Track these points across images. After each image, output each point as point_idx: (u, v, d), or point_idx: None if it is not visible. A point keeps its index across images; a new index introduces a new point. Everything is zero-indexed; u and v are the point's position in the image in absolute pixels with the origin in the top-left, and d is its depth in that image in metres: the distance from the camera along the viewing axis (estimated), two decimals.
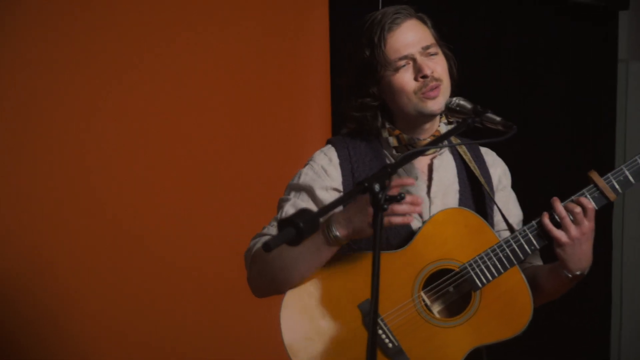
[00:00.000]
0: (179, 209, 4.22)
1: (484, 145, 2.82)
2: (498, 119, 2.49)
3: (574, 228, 2.60)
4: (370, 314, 2.18)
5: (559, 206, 2.62)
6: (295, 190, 2.74)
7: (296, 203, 2.69)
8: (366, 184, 2.19)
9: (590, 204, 2.61)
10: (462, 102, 2.58)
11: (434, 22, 2.76)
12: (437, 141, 2.58)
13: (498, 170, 2.86)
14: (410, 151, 2.51)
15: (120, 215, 4.08)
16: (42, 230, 3.92)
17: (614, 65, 5.36)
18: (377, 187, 2.20)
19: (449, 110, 2.60)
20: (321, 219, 2.16)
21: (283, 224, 2.08)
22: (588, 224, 2.61)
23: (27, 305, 3.89)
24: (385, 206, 2.20)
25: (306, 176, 2.73)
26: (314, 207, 2.66)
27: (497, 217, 2.79)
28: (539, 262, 2.86)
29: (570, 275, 2.65)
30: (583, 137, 5.03)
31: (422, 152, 2.68)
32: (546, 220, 2.64)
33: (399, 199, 2.25)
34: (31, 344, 3.91)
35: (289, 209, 2.70)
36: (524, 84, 4.95)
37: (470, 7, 4.83)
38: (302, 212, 2.10)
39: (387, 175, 2.24)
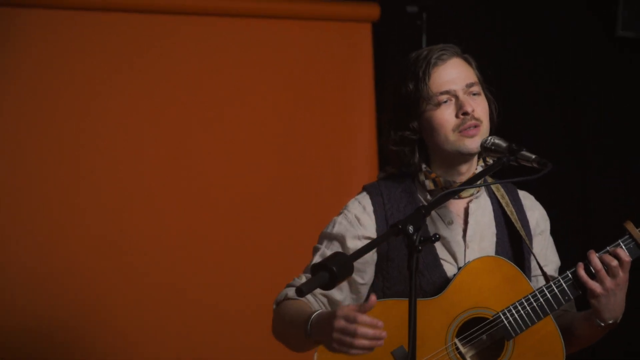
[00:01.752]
0: (229, 231, 4.31)
1: (519, 182, 2.80)
2: (533, 156, 2.46)
3: (609, 280, 2.57)
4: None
5: (595, 258, 2.59)
6: (328, 240, 2.72)
7: (325, 253, 2.67)
8: (400, 226, 2.19)
9: (627, 257, 2.58)
10: (497, 141, 2.55)
11: (479, 63, 2.76)
12: (472, 181, 2.57)
13: (536, 214, 2.82)
14: (444, 192, 2.49)
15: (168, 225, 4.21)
16: (43, 230, 4.01)
17: None
18: (411, 229, 2.19)
19: (484, 150, 2.58)
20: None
21: (316, 268, 2.08)
22: (623, 276, 2.58)
23: (27, 305, 3.97)
24: (420, 248, 2.19)
25: (340, 225, 2.71)
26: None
27: (534, 263, 2.75)
28: (573, 308, 2.82)
29: (603, 324, 2.62)
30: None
31: (455, 193, 2.66)
32: (581, 271, 2.60)
33: (433, 240, 2.24)
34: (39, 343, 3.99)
35: (317, 260, 2.68)
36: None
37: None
38: (335, 256, 2.11)
39: (422, 217, 2.24)
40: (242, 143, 4.36)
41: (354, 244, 2.66)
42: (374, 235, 2.68)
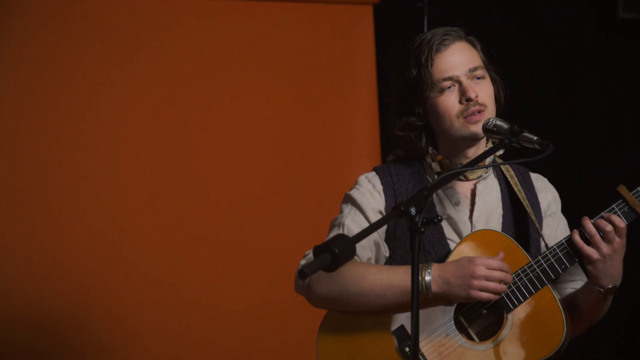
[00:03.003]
0: (228, 231, 4.29)
1: (521, 164, 2.80)
2: (535, 138, 2.46)
3: (605, 245, 2.58)
4: (412, 340, 2.19)
5: (589, 224, 2.60)
6: (349, 209, 2.74)
7: (347, 223, 2.70)
8: (402, 208, 2.20)
9: (622, 222, 2.58)
10: (499, 123, 2.56)
11: (484, 45, 2.76)
12: (474, 162, 2.57)
13: (548, 196, 2.83)
14: (446, 173, 2.50)
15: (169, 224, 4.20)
16: (43, 229, 4.02)
17: None
18: (413, 210, 2.20)
19: (486, 131, 2.58)
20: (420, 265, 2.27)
21: (319, 250, 2.09)
22: (619, 240, 2.58)
23: (27, 305, 3.99)
24: (422, 229, 2.20)
25: (357, 196, 2.73)
26: (364, 225, 2.67)
27: (543, 244, 2.76)
28: (583, 277, 2.82)
29: (602, 290, 2.62)
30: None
31: (457, 175, 2.66)
32: (577, 237, 2.61)
33: (435, 222, 2.25)
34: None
35: (349, 223, 2.70)
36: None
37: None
38: (338, 238, 2.11)
39: (424, 199, 2.24)
40: (243, 130, 4.35)
41: (372, 217, 2.69)
42: (384, 212, 2.70)
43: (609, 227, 2.57)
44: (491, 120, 2.58)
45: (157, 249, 4.18)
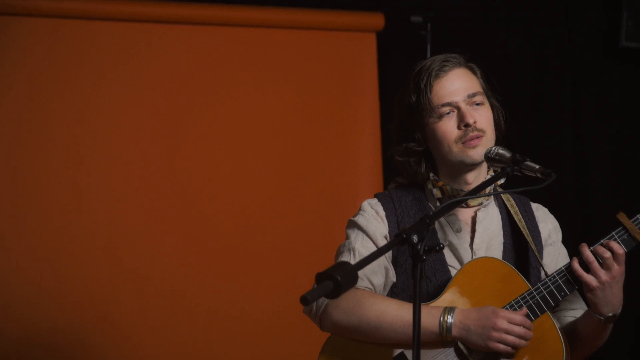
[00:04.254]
0: (232, 238, 4.33)
1: (523, 193, 2.81)
2: (537, 166, 2.47)
3: (604, 273, 2.58)
4: None
5: (587, 251, 2.60)
6: (355, 234, 2.73)
7: (357, 248, 2.69)
8: (404, 235, 2.20)
9: (621, 249, 2.58)
10: (501, 151, 2.56)
11: (485, 72, 2.77)
12: (476, 191, 2.58)
13: (549, 226, 2.83)
14: (448, 201, 2.50)
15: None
16: (45, 235, 4.03)
17: None
18: (415, 238, 2.20)
19: (488, 160, 2.59)
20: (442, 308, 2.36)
21: (321, 277, 2.09)
22: (618, 268, 2.58)
23: (29, 311, 3.98)
24: (424, 257, 2.20)
25: (362, 222, 2.73)
26: (372, 248, 2.67)
27: (543, 273, 2.75)
28: (583, 305, 2.82)
29: (602, 318, 2.62)
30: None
31: (459, 203, 2.67)
32: (576, 265, 2.61)
33: (437, 249, 2.25)
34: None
35: (360, 248, 2.69)
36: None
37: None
38: (340, 265, 2.12)
39: (426, 227, 2.25)
40: (247, 153, 4.38)
41: (381, 242, 2.69)
42: (388, 238, 2.70)
43: (608, 254, 2.57)
44: (493, 148, 2.59)
45: (161, 255, 4.19)
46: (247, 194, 4.35)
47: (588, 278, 2.59)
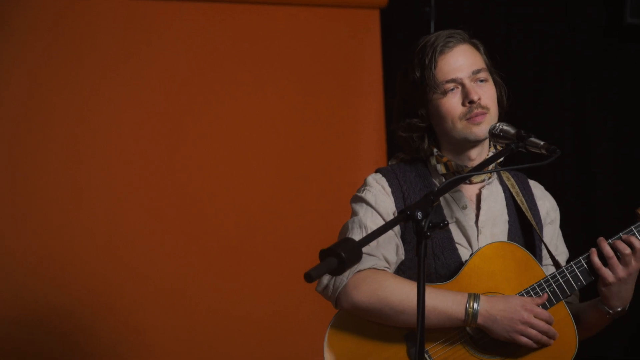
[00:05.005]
0: (236, 234, 4.29)
1: (528, 169, 2.80)
2: (541, 143, 2.45)
3: (622, 269, 2.58)
4: (417, 345, 2.18)
5: (607, 247, 2.59)
6: (364, 210, 2.71)
7: (366, 223, 2.67)
8: (408, 212, 2.19)
9: None
10: (506, 127, 2.55)
11: (488, 48, 2.76)
12: (480, 167, 2.56)
13: (547, 204, 2.83)
14: (452, 178, 2.47)
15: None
16: (46, 232, 4.00)
17: None
18: (419, 214, 2.19)
19: (492, 136, 2.58)
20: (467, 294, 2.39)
21: (325, 254, 2.08)
22: (635, 264, 2.58)
23: (30, 306, 3.97)
24: (429, 234, 2.19)
25: (370, 197, 2.71)
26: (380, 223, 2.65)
27: (545, 251, 2.76)
28: (576, 300, 2.82)
29: (611, 312, 2.64)
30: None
31: (463, 180, 2.66)
32: (595, 258, 2.61)
33: (442, 226, 2.24)
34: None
35: (356, 233, 2.67)
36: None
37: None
38: (345, 242, 2.11)
39: (430, 203, 2.23)
40: (249, 133, 4.34)
41: (388, 217, 2.67)
42: (396, 213, 2.68)
43: (628, 250, 2.57)
44: (498, 125, 2.58)
45: (161, 254, 4.17)
46: (248, 190, 4.31)
47: (606, 272, 2.59)
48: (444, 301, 2.53)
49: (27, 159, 3.99)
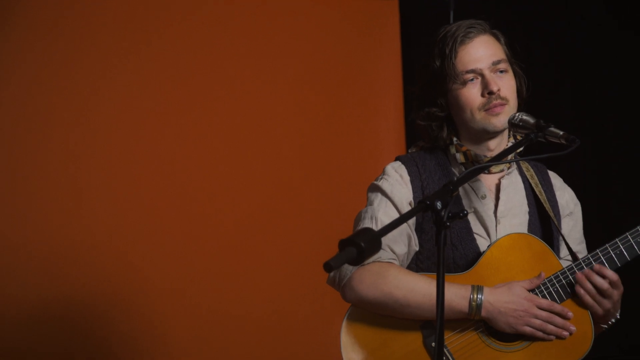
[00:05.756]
0: (240, 233, 4.28)
1: (548, 159, 2.79)
2: (561, 132, 2.45)
3: (607, 301, 2.61)
4: (436, 336, 2.18)
5: (588, 284, 2.60)
6: (379, 200, 2.72)
7: (378, 215, 2.68)
8: (428, 202, 2.19)
9: (615, 275, 2.59)
10: (525, 117, 2.55)
11: (508, 39, 2.76)
12: (499, 157, 2.56)
13: (566, 195, 2.83)
14: (471, 168, 2.48)
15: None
16: (48, 231, 3.98)
17: None
18: (439, 204, 2.19)
19: (512, 126, 2.58)
20: (470, 286, 2.38)
21: (344, 244, 2.08)
22: (617, 292, 2.62)
23: (32, 307, 3.96)
24: (448, 224, 2.19)
25: (387, 187, 2.72)
26: (395, 216, 2.65)
27: (562, 243, 2.76)
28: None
29: (605, 327, 2.70)
30: None
31: (483, 169, 2.66)
32: (582, 291, 2.62)
33: (461, 216, 2.24)
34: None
35: (382, 217, 2.67)
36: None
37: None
38: (364, 232, 2.11)
39: (449, 193, 2.23)
40: (266, 125, 4.32)
41: (405, 208, 2.68)
42: (413, 203, 2.68)
43: (606, 285, 2.59)
44: (517, 115, 2.58)
45: (161, 254, 4.14)
46: (249, 189, 4.28)
47: (594, 308, 2.61)
48: (447, 294, 2.51)
49: (27, 159, 3.96)
